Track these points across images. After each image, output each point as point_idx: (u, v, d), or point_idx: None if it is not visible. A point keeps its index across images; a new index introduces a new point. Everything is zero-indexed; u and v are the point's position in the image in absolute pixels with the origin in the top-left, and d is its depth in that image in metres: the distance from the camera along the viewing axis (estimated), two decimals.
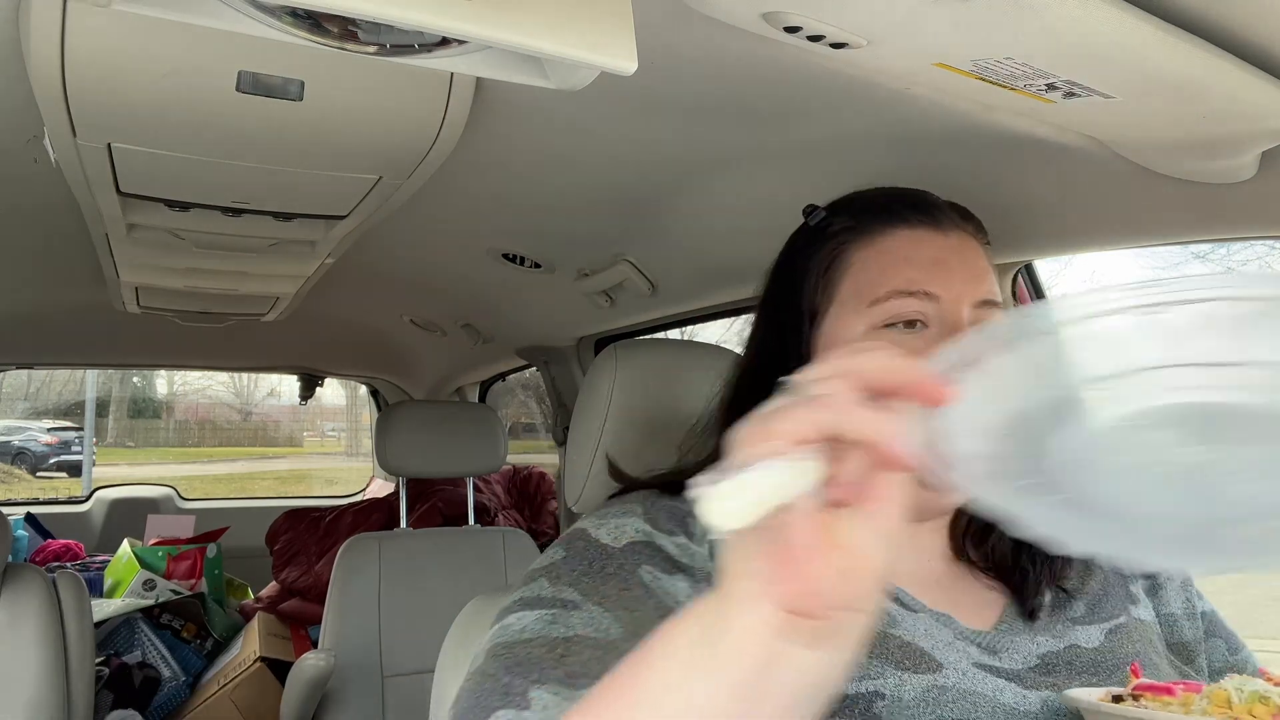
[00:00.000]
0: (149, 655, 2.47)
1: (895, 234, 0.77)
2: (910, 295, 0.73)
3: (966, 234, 0.78)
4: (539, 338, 2.25)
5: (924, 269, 0.74)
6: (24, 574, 1.56)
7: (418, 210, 1.33)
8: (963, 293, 0.73)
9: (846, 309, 0.76)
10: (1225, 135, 0.71)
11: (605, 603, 0.64)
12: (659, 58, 0.78)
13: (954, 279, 0.74)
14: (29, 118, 0.96)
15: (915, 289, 0.73)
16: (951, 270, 0.74)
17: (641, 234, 1.40)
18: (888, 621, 0.69)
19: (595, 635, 0.61)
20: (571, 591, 0.65)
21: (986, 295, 0.75)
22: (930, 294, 0.73)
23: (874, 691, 0.64)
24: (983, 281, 0.76)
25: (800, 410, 0.41)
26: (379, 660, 2.04)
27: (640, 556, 0.69)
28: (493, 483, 2.98)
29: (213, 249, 1.45)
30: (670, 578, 0.68)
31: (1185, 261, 3.03)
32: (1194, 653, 0.79)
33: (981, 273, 0.76)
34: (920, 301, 0.73)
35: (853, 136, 0.92)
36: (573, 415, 1.01)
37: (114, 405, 14.39)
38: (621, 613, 0.63)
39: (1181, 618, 0.81)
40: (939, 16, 0.56)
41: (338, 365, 3.42)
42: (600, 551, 0.70)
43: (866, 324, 0.74)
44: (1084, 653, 0.72)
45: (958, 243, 0.77)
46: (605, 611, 0.63)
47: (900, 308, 0.73)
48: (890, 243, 0.76)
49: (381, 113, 0.92)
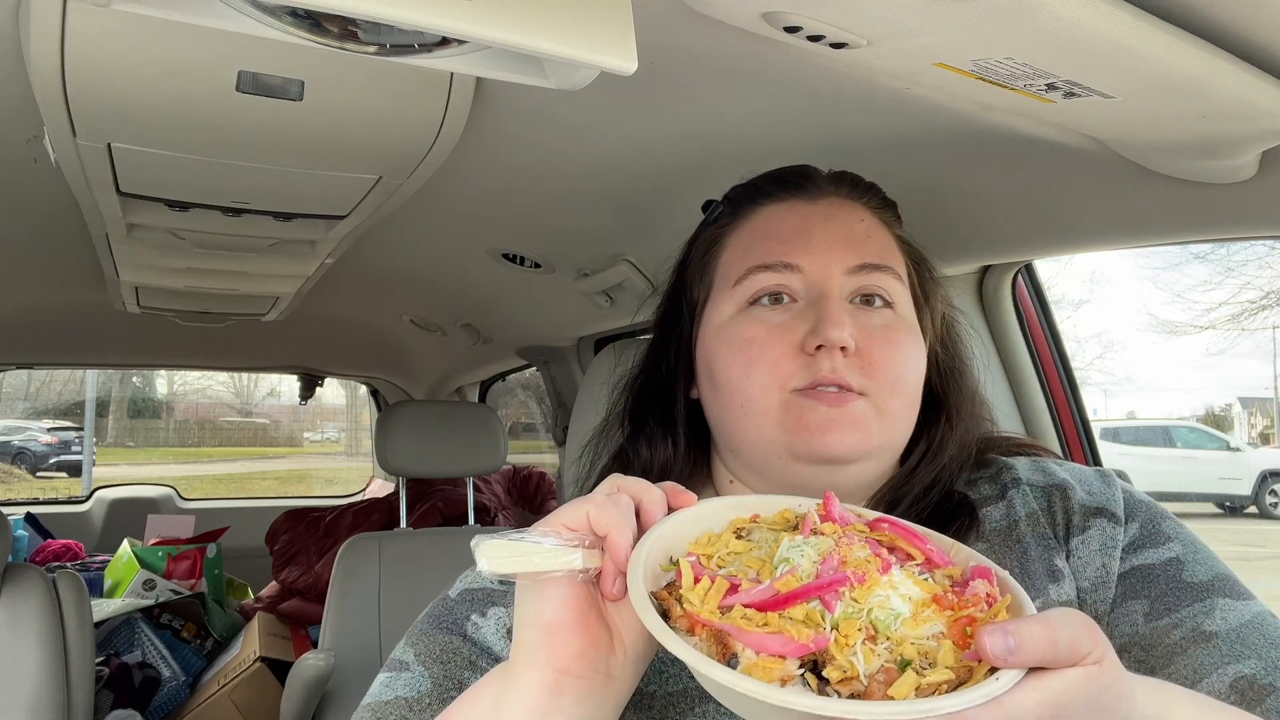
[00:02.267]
0: (149, 655, 2.47)
1: (762, 210, 0.76)
2: (768, 269, 0.72)
3: (841, 198, 0.76)
4: (539, 338, 2.26)
5: (785, 240, 0.73)
6: (24, 574, 1.56)
7: (418, 210, 1.33)
8: (829, 260, 0.71)
9: (719, 293, 0.75)
10: (1225, 135, 0.71)
11: (426, 660, 0.69)
12: (659, 58, 0.78)
13: (817, 246, 0.72)
14: (29, 118, 0.96)
15: (773, 261, 0.72)
16: (814, 236, 0.72)
17: (641, 234, 1.40)
18: None
19: (407, 695, 0.66)
20: (409, 651, 0.70)
21: (862, 259, 0.72)
22: (790, 265, 0.71)
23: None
24: (859, 245, 0.73)
25: (578, 504, 0.53)
26: (379, 660, 2.04)
27: (470, 605, 0.72)
28: (493, 483, 2.98)
29: (213, 249, 1.45)
30: (484, 618, 0.71)
31: (1185, 262, 3.03)
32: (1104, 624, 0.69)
33: (859, 237, 0.73)
34: (779, 274, 0.71)
35: (853, 137, 0.92)
36: (572, 415, 1.01)
37: (114, 405, 14.39)
38: (436, 668, 0.68)
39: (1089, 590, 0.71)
40: (939, 16, 0.56)
41: (338, 365, 3.42)
42: (443, 606, 0.73)
43: (734, 305, 0.73)
44: None
45: (828, 209, 0.74)
46: (424, 669, 0.68)
47: (761, 282, 0.72)
48: (756, 220, 0.76)
49: (381, 113, 0.92)
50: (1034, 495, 0.76)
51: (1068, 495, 0.75)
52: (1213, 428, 12.20)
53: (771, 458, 0.71)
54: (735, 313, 0.73)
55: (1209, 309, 9.29)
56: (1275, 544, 9.47)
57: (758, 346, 0.70)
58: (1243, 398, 14.17)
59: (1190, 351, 19.72)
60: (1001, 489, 0.77)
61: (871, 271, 0.72)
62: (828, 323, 0.68)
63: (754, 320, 0.72)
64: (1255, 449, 11.50)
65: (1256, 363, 16.50)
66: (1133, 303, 18.65)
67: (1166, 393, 17.78)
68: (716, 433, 0.76)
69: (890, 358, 0.70)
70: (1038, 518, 0.74)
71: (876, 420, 0.70)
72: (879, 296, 0.72)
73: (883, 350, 0.70)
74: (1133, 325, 19.95)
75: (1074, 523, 0.73)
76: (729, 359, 0.72)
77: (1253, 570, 8.08)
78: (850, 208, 0.75)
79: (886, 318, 0.72)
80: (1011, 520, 0.74)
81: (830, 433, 0.68)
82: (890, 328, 0.72)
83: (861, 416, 0.69)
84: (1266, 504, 10.60)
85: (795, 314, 0.71)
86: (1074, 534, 0.73)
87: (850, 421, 0.68)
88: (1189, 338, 12.50)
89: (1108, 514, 0.73)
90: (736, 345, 0.72)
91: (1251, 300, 8.98)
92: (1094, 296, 16.91)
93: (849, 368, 0.69)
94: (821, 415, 0.68)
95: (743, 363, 0.71)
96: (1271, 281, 8.99)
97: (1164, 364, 17.82)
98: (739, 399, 0.71)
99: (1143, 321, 19.42)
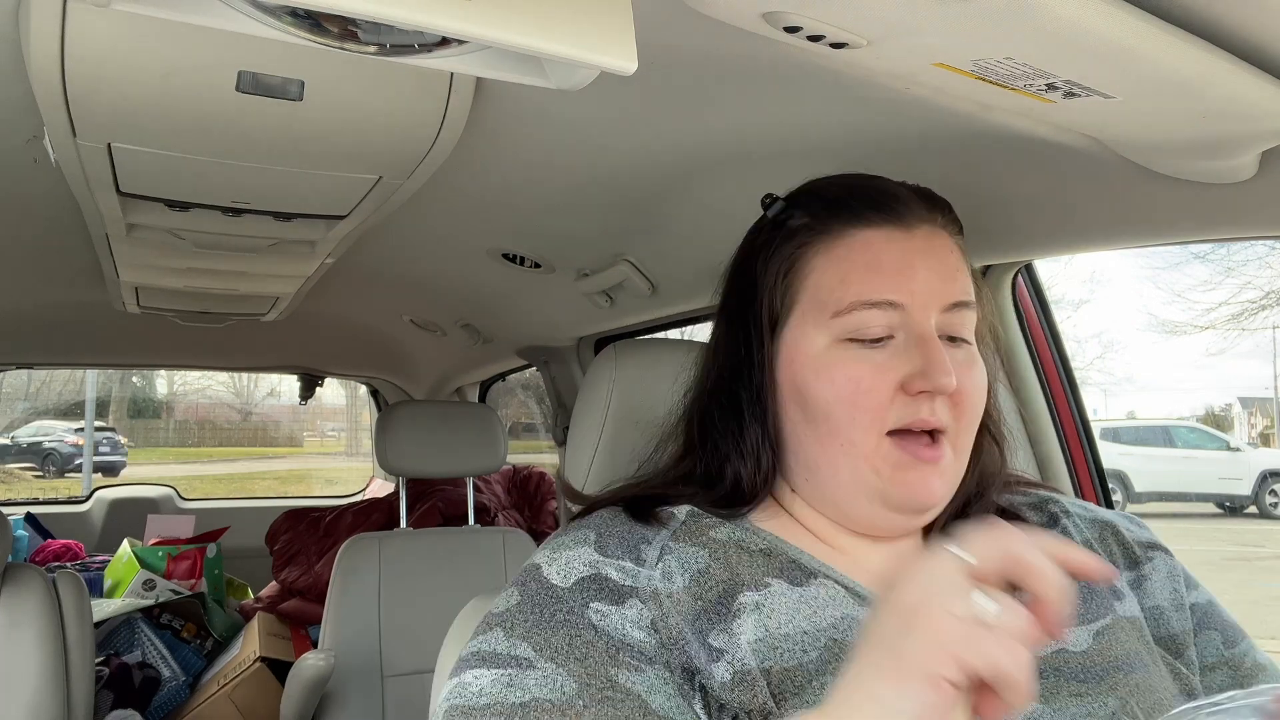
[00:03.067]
0: (149, 655, 2.47)
1: (857, 235, 0.72)
2: (874, 306, 0.70)
3: (935, 228, 0.74)
4: (539, 338, 2.26)
5: (888, 276, 0.70)
6: (24, 574, 1.56)
7: (418, 210, 1.33)
8: (929, 300, 0.70)
9: (808, 319, 0.73)
10: (1225, 135, 0.71)
11: (557, 657, 0.63)
12: (659, 58, 0.78)
13: (919, 284, 0.70)
14: (29, 118, 0.96)
15: (879, 299, 0.70)
16: (916, 274, 0.70)
17: (641, 234, 1.40)
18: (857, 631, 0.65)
19: (550, 697, 0.60)
20: (525, 646, 0.64)
21: (956, 297, 0.71)
22: (895, 303, 0.70)
23: None
24: (952, 282, 0.72)
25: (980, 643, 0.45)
26: (379, 660, 2.04)
27: (588, 594, 0.67)
28: (493, 483, 2.98)
29: (213, 249, 1.45)
30: (619, 609, 0.66)
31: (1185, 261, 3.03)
32: (1183, 645, 0.76)
33: (951, 272, 0.72)
34: (885, 313, 0.70)
35: (852, 137, 0.92)
36: (573, 415, 1.01)
37: (114, 405, 14.41)
38: (574, 665, 0.62)
39: (1169, 609, 0.77)
40: (939, 16, 0.56)
41: (338, 365, 3.42)
42: (550, 595, 0.67)
43: (830, 337, 0.71)
44: (1072, 657, 0.69)
45: (925, 241, 0.72)
46: (559, 667, 0.62)
47: (865, 320, 0.70)
48: (852, 246, 0.72)
49: (381, 113, 0.92)
50: (1085, 527, 0.80)
51: (1119, 531, 0.80)
52: (1213, 428, 12.20)
53: (861, 498, 0.71)
54: (831, 344, 0.71)
55: (1209, 309, 9.30)
56: (1275, 544, 9.46)
57: (864, 389, 0.69)
58: (1243, 398, 14.17)
59: (1190, 351, 19.71)
60: (1051, 517, 0.81)
61: (962, 309, 0.72)
62: (939, 370, 0.67)
63: (856, 359, 0.70)
64: (1255, 449, 11.50)
65: (1256, 363, 16.51)
66: (1133, 303, 18.65)
67: (1166, 393, 17.78)
68: (796, 458, 0.74)
69: (974, 396, 0.71)
70: (1092, 546, 0.79)
71: (955, 461, 0.71)
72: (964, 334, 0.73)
73: (971, 388, 0.71)
74: (1133, 325, 19.94)
75: (1135, 554, 0.79)
76: (831, 396, 0.70)
77: (1253, 570, 8.07)
78: (942, 238, 0.74)
79: (968, 353, 0.73)
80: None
81: (927, 485, 0.69)
82: (971, 363, 0.72)
83: (948, 463, 0.70)
84: (1266, 504, 10.60)
85: (895, 353, 0.70)
86: (1141, 563, 0.78)
87: (941, 472, 0.69)
88: (1189, 338, 12.50)
89: (1161, 548, 0.80)
90: (840, 383, 0.70)
91: (1251, 300, 8.99)
92: (1094, 296, 16.90)
93: (942, 408, 0.69)
94: (921, 470, 0.69)
95: (847, 403, 0.69)
96: (1271, 281, 8.99)
97: (1164, 364, 17.82)
98: (839, 439, 0.70)
99: (1143, 321, 19.39)
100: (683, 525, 0.74)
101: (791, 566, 0.70)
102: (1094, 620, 0.72)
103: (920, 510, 0.71)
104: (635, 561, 0.69)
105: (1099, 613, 0.73)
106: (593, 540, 0.71)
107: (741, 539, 0.72)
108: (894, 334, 0.70)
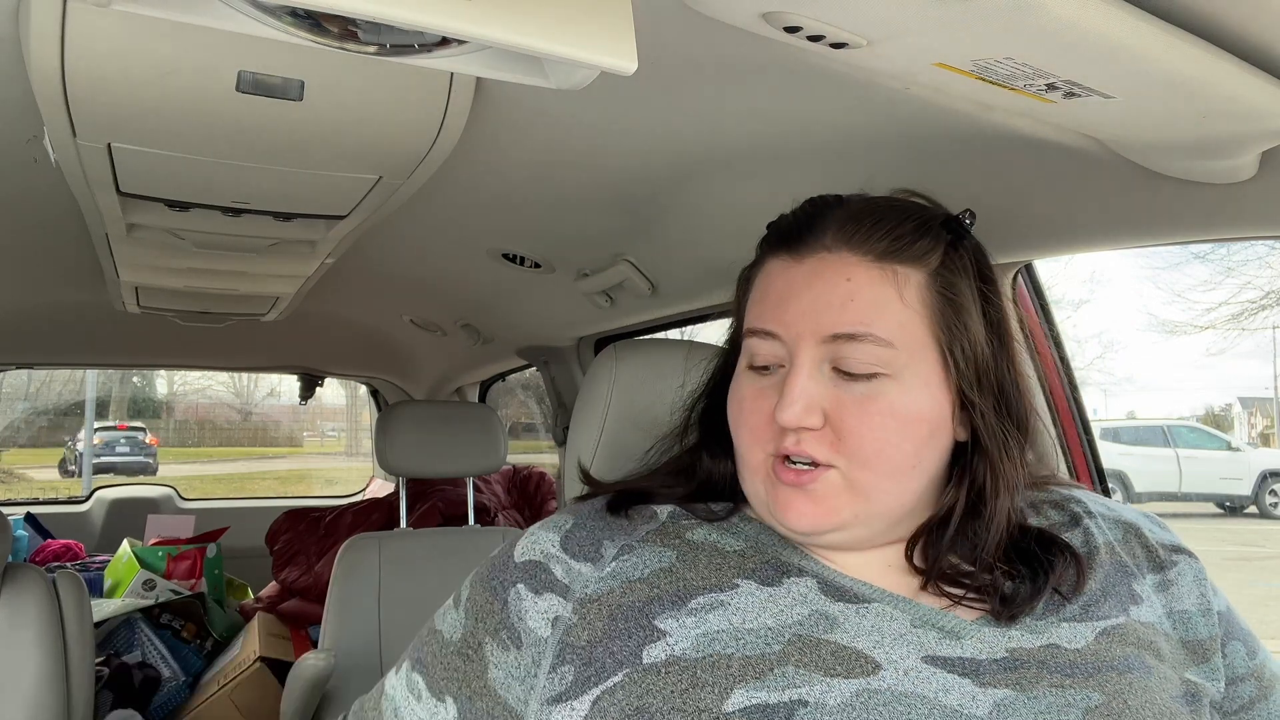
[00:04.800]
0: (149, 655, 2.47)
1: (766, 265, 0.75)
2: (757, 335, 0.72)
3: (832, 253, 0.69)
4: (539, 338, 2.26)
5: (769, 306, 0.71)
6: (24, 574, 1.55)
7: (418, 210, 1.33)
8: (803, 330, 0.68)
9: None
10: (1225, 135, 0.71)
11: (470, 609, 0.75)
12: (659, 58, 0.78)
13: (791, 315, 0.69)
14: (29, 118, 0.96)
15: (759, 328, 0.71)
16: (790, 303, 0.69)
17: (641, 234, 1.40)
18: (824, 627, 0.66)
19: (445, 632, 0.76)
20: (466, 592, 0.77)
21: (836, 329, 0.67)
22: (771, 333, 0.70)
23: (797, 699, 0.62)
24: (834, 312, 0.67)
25: None
26: (379, 660, 2.04)
27: (523, 574, 0.73)
28: (493, 483, 2.98)
29: (213, 249, 1.45)
30: (535, 596, 0.72)
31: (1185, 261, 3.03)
32: (1209, 651, 0.74)
33: (834, 302, 0.68)
34: (767, 342, 0.71)
35: (852, 137, 0.92)
36: (572, 415, 1.01)
37: (114, 405, 14.41)
38: (469, 620, 0.75)
39: (1196, 614, 0.75)
40: (939, 16, 0.56)
41: (338, 365, 3.42)
42: (504, 564, 0.76)
43: (745, 361, 0.74)
44: (1063, 653, 0.67)
45: (811, 269, 0.69)
46: (465, 616, 0.75)
47: (754, 348, 0.72)
48: (761, 275, 0.75)
49: (381, 113, 0.92)
50: (1108, 527, 0.79)
51: (1142, 533, 0.80)
52: (1213, 428, 12.20)
53: (765, 514, 0.73)
54: (743, 368, 0.74)
55: (1209, 309, 9.29)
56: (1275, 544, 9.47)
57: (746, 411, 0.72)
58: (1243, 398, 14.17)
59: (1190, 351, 19.71)
60: (1073, 517, 0.80)
61: (846, 342, 0.67)
62: (783, 403, 0.67)
63: (749, 382, 0.73)
64: (1255, 449, 11.50)
65: (1256, 363, 16.51)
66: (1133, 303, 18.65)
67: (1166, 393, 17.77)
68: None
69: (862, 431, 0.67)
70: (1114, 548, 0.77)
71: (847, 493, 0.68)
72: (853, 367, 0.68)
73: (856, 423, 0.67)
74: (1133, 325, 19.93)
75: (1159, 557, 0.78)
76: (732, 413, 0.74)
77: (1253, 570, 8.07)
78: (837, 265, 0.69)
79: (868, 388, 0.67)
80: (1091, 547, 0.76)
81: (791, 509, 0.69)
82: (868, 399, 0.67)
83: (826, 492, 0.68)
84: (1266, 504, 10.60)
85: (773, 383, 0.71)
86: (1165, 567, 0.78)
87: (812, 499, 0.68)
88: (1189, 338, 12.49)
89: (1186, 552, 0.79)
90: (735, 403, 0.74)
91: (1251, 300, 8.98)
92: (1094, 296, 16.90)
93: (816, 441, 0.68)
94: (785, 493, 0.69)
95: (738, 423, 0.73)
96: (1271, 281, 8.99)
97: (1164, 364, 17.81)
98: (739, 451, 0.74)
99: (1143, 321, 19.39)
100: (660, 526, 0.76)
101: (765, 566, 0.71)
102: (1103, 619, 0.71)
103: (794, 531, 0.70)
104: (590, 560, 0.73)
105: (1109, 613, 0.71)
106: (566, 528, 0.76)
107: (717, 541, 0.74)
108: (782, 363, 0.70)
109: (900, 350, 0.68)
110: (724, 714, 0.61)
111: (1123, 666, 0.68)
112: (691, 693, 0.63)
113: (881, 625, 0.67)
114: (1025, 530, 0.75)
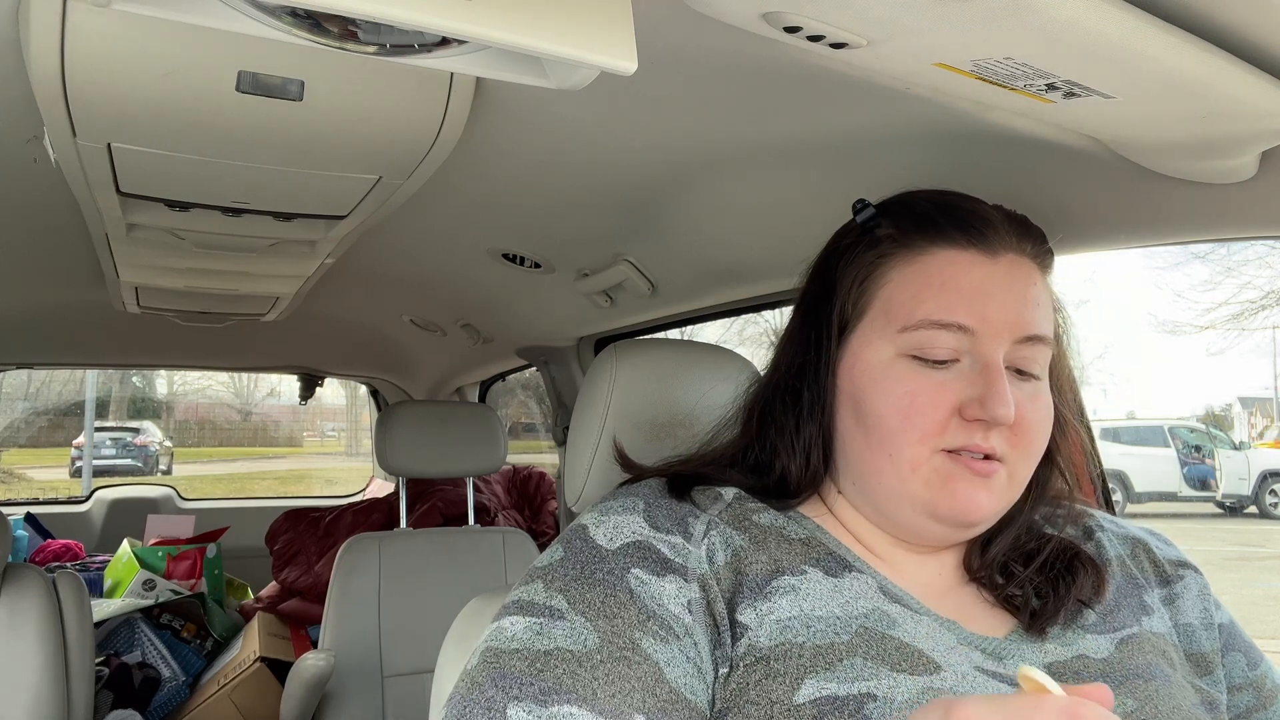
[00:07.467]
0: (149, 655, 2.47)
1: (938, 254, 0.71)
2: (942, 327, 0.69)
3: (1021, 257, 0.72)
4: (539, 338, 2.25)
5: (964, 299, 0.69)
6: (24, 574, 1.55)
7: (418, 210, 1.33)
8: (1002, 329, 0.69)
9: (875, 329, 0.72)
10: (1225, 135, 0.71)
11: (588, 612, 0.64)
12: (659, 57, 0.78)
13: (993, 312, 0.69)
14: (29, 118, 0.96)
15: (949, 321, 0.69)
16: (992, 301, 0.69)
17: (641, 234, 1.40)
18: (887, 623, 0.67)
19: (572, 648, 0.62)
20: (560, 599, 0.66)
21: (1030, 330, 0.70)
22: (965, 328, 0.69)
23: (866, 693, 0.62)
24: (1030, 314, 0.70)
25: None
26: (379, 660, 2.04)
27: (631, 559, 0.68)
28: (493, 483, 2.98)
29: (213, 249, 1.45)
30: (659, 579, 0.67)
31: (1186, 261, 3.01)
32: (1211, 664, 0.77)
33: (1030, 304, 0.70)
34: (953, 335, 0.69)
35: (852, 137, 0.92)
36: (572, 415, 1.01)
37: (114, 405, 14.41)
38: (602, 622, 0.64)
39: (1199, 628, 0.78)
40: (939, 16, 0.56)
41: (338, 365, 3.42)
42: (594, 554, 0.69)
43: (894, 350, 0.71)
44: (1091, 663, 0.70)
45: (1007, 270, 0.71)
46: (587, 622, 0.64)
47: (931, 339, 0.69)
48: (931, 264, 0.71)
49: (381, 113, 0.92)
50: (1118, 542, 0.82)
51: (1150, 549, 0.82)
52: (1213, 428, 12.20)
53: (905, 507, 0.71)
54: (895, 356, 0.71)
55: (1209, 309, 9.30)
56: (1275, 544, 9.48)
57: (919, 404, 0.69)
58: (1243, 398, 14.19)
59: (1190, 351, 19.70)
60: (1086, 530, 0.82)
61: (1035, 344, 0.70)
62: (997, 400, 0.67)
63: (917, 374, 0.70)
64: (1255, 449, 11.51)
65: (1256, 363, 16.50)
66: (1133, 303, 18.66)
67: (1166, 393, 17.77)
68: (847, 463, 0.75)
69: (1035, 430, 0.71)
70: (1124, 561, 0.80)
71: (1009, 487, 0.71)
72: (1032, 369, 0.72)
73: (1031, 422, 0.70)
74: (1133, 325, 19.94)
75: (1166, 571, 0.81)
76: (886, 406, 0.70)
77: (1253, 570, 8.08)
78: (1026, 268, 0.72)
79: (1035, 387, 0.72)
80: (1103, 560, 0.79)
81: (974, 500, 0.69)
82: (1038, 397, 0.72)
83: (999, 485, 0.70)
84: (1266, 504, 10.61)
85: (958, 375, 0.69)
86: (1172, 581, 0.80)
87: (991, 491, 0.70)
88: (1189, 338, 12.49)
89: (1191, 567, 0.82)
90: (897, 395, 0.70)
91: (1251, 300, 8.99)
92: (1094, 296, 16.90)
93: (999, 437, 0.69)
94: (968, 484, 0.69)
95: (901, 415, 0.69)
96: (1271, 281, 9.00)
97: (1164, 364, 17.81)
98: (888, 448, 0.70)
99: (1143, 321, 19.39)
100: (729, 507, 0.74)
101: (828, 558, 0.71)
102: (1119, 629, 0.73)
103: (964, 524, 0.71)
104: (684, 536, 0.70)
105: (1125, 623, 0.74)
106: (641, 509, 0.72)
107: (783, 526, 0.73)
108: (960, 358, 0.70)
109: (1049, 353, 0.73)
110: (795, 706, 0.61)
111: (1146, 674, 0.70)
112: (765, 684, 0.63)
113: (935, 635, 0.68)
114: (1045, 540, 0.77)
